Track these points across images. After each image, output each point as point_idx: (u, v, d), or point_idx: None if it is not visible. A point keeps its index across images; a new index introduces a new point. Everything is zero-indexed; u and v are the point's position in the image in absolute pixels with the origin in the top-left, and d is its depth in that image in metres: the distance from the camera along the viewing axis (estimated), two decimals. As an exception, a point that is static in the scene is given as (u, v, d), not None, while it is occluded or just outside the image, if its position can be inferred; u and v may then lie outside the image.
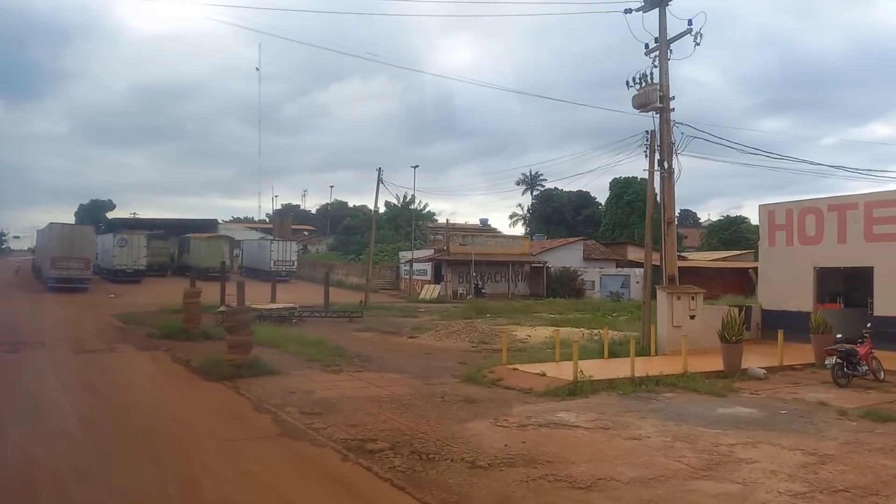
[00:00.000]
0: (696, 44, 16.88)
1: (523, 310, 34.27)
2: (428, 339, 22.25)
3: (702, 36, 16.76)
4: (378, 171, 38.34)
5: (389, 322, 29.22)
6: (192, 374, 15.11)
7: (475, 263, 48.75)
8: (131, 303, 35.39)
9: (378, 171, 38.34)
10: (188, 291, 21.82)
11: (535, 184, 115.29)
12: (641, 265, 53.52)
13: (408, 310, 35.44)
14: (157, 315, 28.75)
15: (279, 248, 62.91)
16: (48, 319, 26.69)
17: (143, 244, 55.45)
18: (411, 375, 15.06)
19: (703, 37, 16.76)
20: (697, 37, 16.81)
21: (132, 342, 20.36)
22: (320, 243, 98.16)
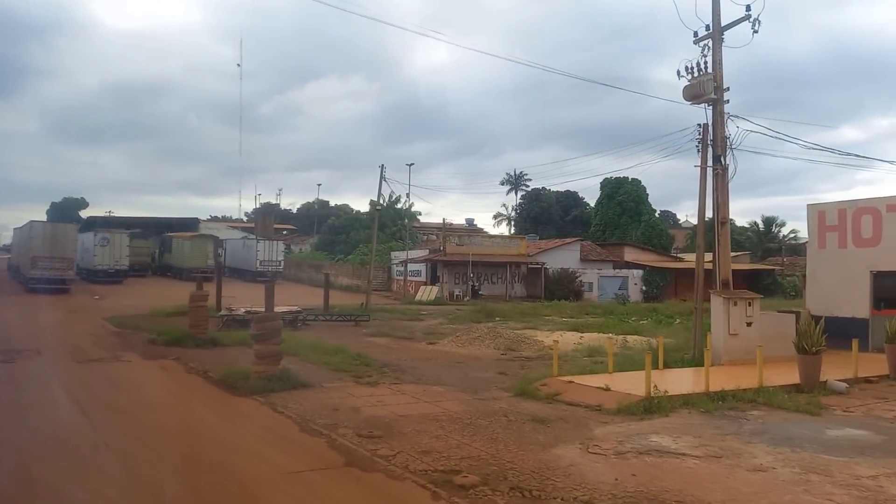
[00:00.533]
0: (753, 31, 15.80)
1: (531, 313, 33.14)
2: (449, 346, 21.01)
3: (760, 23, 15.68)
4: (381, 168, 37.12)
5: (397, 326, 27.96)
6: (215, 387, 13.75)
7: (460, 264, 47.63)
8: (119, 305, 33.80)
9: (381, 168, 37.12)
10: (194, 295, 20.36)
11: (519, 184, 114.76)
12: (639, 266, 52.98)
13: (409, 312, 34.16)
14: (152, 319, 27.32)
15: (265, 248, 61.22)
16: (36, 324, 25.05)
17: (126, 243, 53.65)
18: (455, 388, 13.83)
19: (761, 24, 15.66)
20: (756, 24, 15.72)
21: (135, 349, 18.90)
22: (304, 243, 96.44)
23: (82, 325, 25.37)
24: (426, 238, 73.56)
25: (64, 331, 23.15)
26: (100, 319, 27.04)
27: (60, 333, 22.35)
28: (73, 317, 28.12)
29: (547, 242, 53.48)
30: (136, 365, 16.60)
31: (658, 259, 54.87)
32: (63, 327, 24.31)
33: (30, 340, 19.66)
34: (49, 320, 26.16)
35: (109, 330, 23.83)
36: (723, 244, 17.30)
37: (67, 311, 30.80)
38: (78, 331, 23.27)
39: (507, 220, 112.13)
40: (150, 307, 31.80)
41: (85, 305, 34.26)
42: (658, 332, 22.62)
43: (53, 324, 25.20)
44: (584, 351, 19.19)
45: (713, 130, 16.55)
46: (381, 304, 39.08)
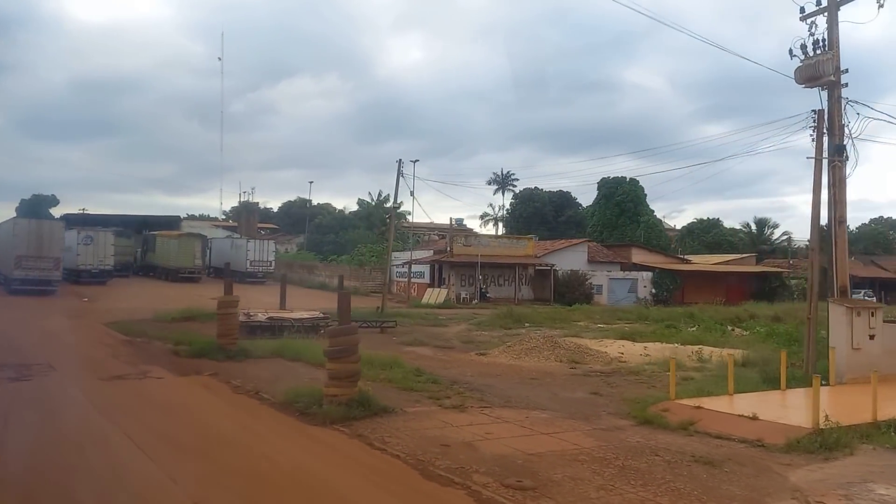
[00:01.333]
0: (879, 5, 14.06)
1: (561, 318, 31.31)
2: (504, 357, 19.05)
3: (888, -5, 13.89)
4: (398, 164, 34.96)
5: (427, 333, 25.97)
6: (280, 413, 11.67)
7: (468, 266, 45.79)
8: (112, 308, 31.46)
9: (398, 164, 34.96)
10: (223, 300, 18.16)
11: (506, 184, 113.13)
12: (647, 269, 51.48)
13: (429, 317, 32.08)
14: (159, 325, 25.08)
15: (256, 248, 58.90)
16: (34, 331, 22.61)
17: (111, 242, 50.78)
18: (560, 413, 11.93)
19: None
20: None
21: (159, 362, 16.69)
22: (289, 243, 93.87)
23: (85, 332, 23.05)
24: (424, 238, 71.45)
25: (68, 340, 20.83)
26: (101, 325, 24.70)
27: (66, 343, 20.05)
28: (71, 323, 25.71)
29: (553, 243, 51.74)
30: (171, 383, 14.45)
31: (665, 261, 53.49)
32: (65, 335, 21.96)
33: (36, 352, 17.37)
34: (47, 327, 23.72)
35: (118, 338, 21.52)
36: (840, 246, 15.52)
37: (59, 315, 28.35)
38: (84, 340, 20.98)
39: (494, 221, 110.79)
40: (149, 311, 29.59)
41: (77, 309, 31.79)
42: (724, 342, 20.90)
43: (53, 331, 22.79)
44: (660, 364, 17.36)
45: (829, 117, 14.77)
46: (395, 308, 37.02)
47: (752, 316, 30.76)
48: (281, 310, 27.16)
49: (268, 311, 26.21)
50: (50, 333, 22.13)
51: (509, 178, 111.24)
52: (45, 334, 21.84)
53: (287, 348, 18.12)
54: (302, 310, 27.20)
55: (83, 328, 24.14)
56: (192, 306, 29.64)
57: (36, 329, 23.02)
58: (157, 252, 61.12)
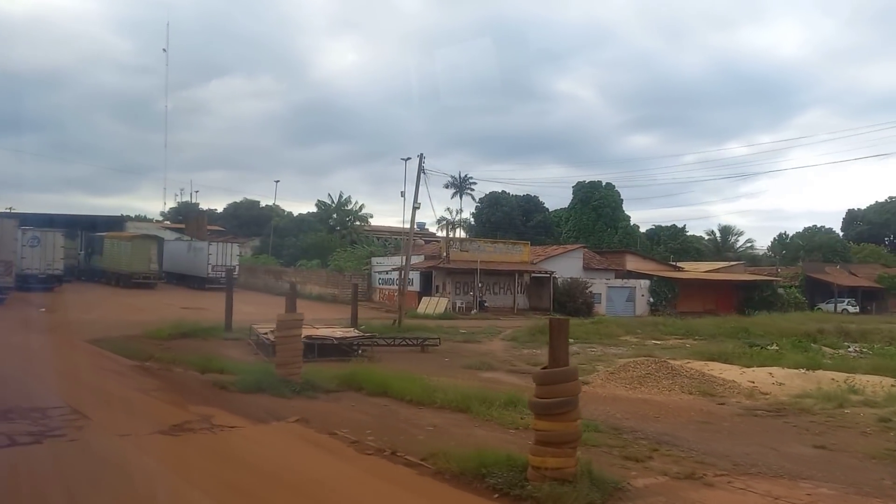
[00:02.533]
0: None
1: (597, 332, 28.22)
2: (616, 387, 15.76)
3: None
4: (419, 158, 31.25)
5: (470, 352, 22.62)
6: (458, 489, 8.15)
7: (463, 273, 42.59)
8: (80, 321, 27.24)
9: (419, 158, 31.25)
10: (286, 319, 14.28)
11: (464, 187, 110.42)
12: (644, 276, 49.18)
13: (450, 331, 28.58)
14: (156, 344, 21.05)
15: (218, 251, 54.25)
16: (8, 353, 18.28)
17: (60, 243, 45.83)
18: (840, 487, 8.78)
19: None
20: None
21: (210, 401, 12.83)
22: (243, 246, 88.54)
23: (73, 353, 18.85)
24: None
25: (61, 365, 16.60)
26: (86, 344, 20.48)
27: (62, 370, 15.84)
28: (47, 341, 21.40)
29: (546, 249, 48.91)
30: (255, 435, 10.68)
31: (659, 268, 51.37)
32: (52, 359, 17.69)
33: (34, 386, 13.30)
34: (20, 347, 19.37)
35: (122, 363, 17.43)
36: None
37: (26, 330, 23.87)
38: (81, 365, 16.85)
39: (452, 226, 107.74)
40: (122, 324, 25.61)
41: (39, 322, 27.28)
42: (852, 366, 18.16)
43: (31, 353, 18.49)
44: (820, 398, 14.43)
45: None
46: (381, 320, 33.40)
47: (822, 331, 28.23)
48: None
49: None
50: (29, 356, 17.85)
51: (467, 182, 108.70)
52: (23, 357, 17.56)
53: (362, 379, 14.49)
54: (321, 324, 23.44)
55: (66, 348, 19.90)
56: (182, 319, 25.66)
57: (8, 350, 18.65)
58: (104, 255, 55.93)
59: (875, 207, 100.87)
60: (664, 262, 55.65)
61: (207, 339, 23.09)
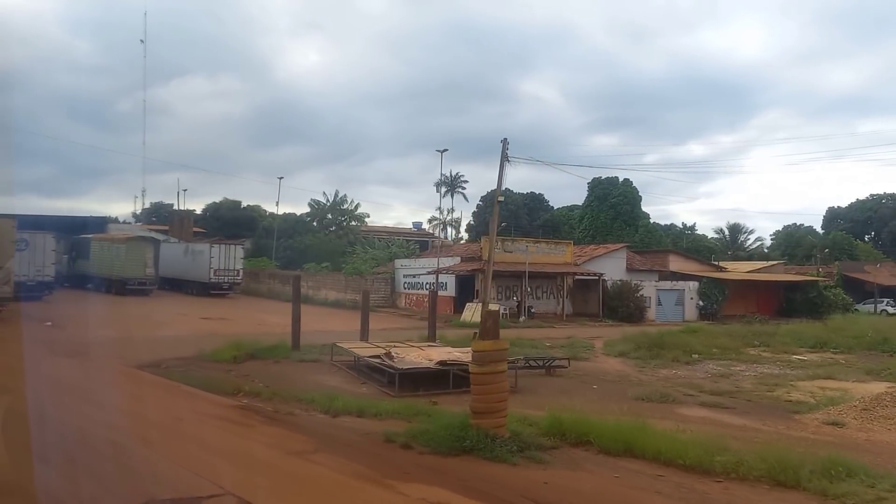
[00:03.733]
0: None
1: (715, 345, 24.50)
2: (880, 431, 12.16)
3: None
4: (503, 144, 27.22)
5: (600, 374, 18.84)
6: None
7: (507, 276, 38.90)
8: (101, 338, 23.08)
9: (503, 144, 27.22)
10: (486, 349, 10.30)
11: (455, 186, 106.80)
12: (690, 277, 45.95)
13: (530, 345, 24.73)
14: (225, 368, 16.98)
15: (221, 254, 49.64)
16: (58, 394, 14.04)
17: (52, 247, 41.14)
18: None
19: None
20: None
21: (399, 469, 8.91)
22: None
23: (143, 391, 14.64)
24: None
25: (149, 413, 12.43)
26: (149, 376, 16.29)
27: (158, 423, 11.71)
28: (91, 370, 17.13)
29: (583, 249, 45.24)
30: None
31: (703, 269, 48.12)
32: (128, 401, 13.48)
33: (147, 455, 9.23)
34: (70, 382, 15.13)
35: (220, 403, 13.29)
36: None
37: (52, 353, 19.50)
38: (173, 411, 12.69)
39: (443, 225, 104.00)
40: (149, 341, 21.53)
41: (57, 342, 22.78)
42: None
43: (94, 393, 14.28)
44: None
45: None
46: (440, 329, 29.51)
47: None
48: (392, 344, 19.18)
49: (398, 348, 18.40)
50: (85, 395, 13.67)
51: (458, 181, 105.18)
52: (80, 397, 13.38)
53: (571, 428, 10.62)
54: (410, 343, 19.49)
55: (123, 379, 15.69)
56: (238, 334, 21.57)
57: (50, 386, 14.41)
58: (93, 259, 51.01)
59: (856, 205, 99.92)
60: (707, 262, 52.44)
61: (280, 361, 19.04)
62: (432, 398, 14.03)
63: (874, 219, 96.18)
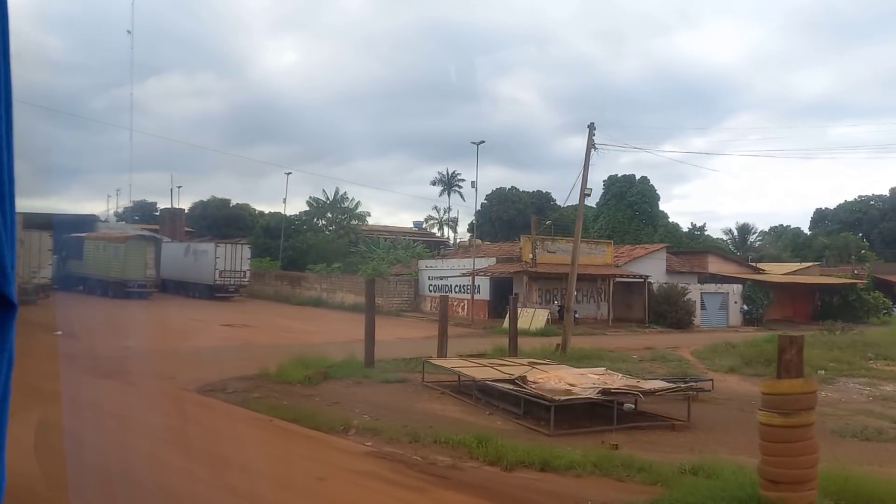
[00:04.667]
0: None
1: (842, 359, 21.59)
2: None
3: None
4: (589, 129, 24.19)
5: (735, 397, 16.01)
6: None
7: (552, 279, 36.10)
8: (128, 351, 19.91)
9: (589, 129, 24.19)
10: (792, 394, 7.40)
11: (452, 184, 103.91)
12: (731, 280, 43.50)
13: (609, 358, 21.88)
14: (300, 392, 14.04)
15: (227, 255, 46.31)
16: (128, 434, 10.95)
17: (48, 246, 37.70)
18: None
19: None
20: None
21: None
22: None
23: (232, 428, 11.60)
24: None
25: (264, 467, 9.39)
26: (220, 404, 13.21)
27: (274, 471, 8.71)
28: (146, 396, 13.99)
29: (618, 249, 42.47)
30: None
31: (741, 271, 45.64)
32: (220, 447, 10.43)
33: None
34: (132, 416, 12.01)
35: (339, 447, 10.29)
36: None
37: (83, 372, 16.35)
38: (291, 461, 9.66)
39: (440, 225, 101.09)
40: (195, 355, 18.68)
41: (81, 357, 19.57)
42: None
43: (171, 431, 11.19)
44: None
45: None
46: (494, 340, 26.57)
47: None
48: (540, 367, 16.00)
49: (552, 374, 15.39)
50: (166, 437, 10.59)
51: (455, 179, 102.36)
52: (169, 441, 10.30)
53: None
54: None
55: (195, 411, 12.57)
56: (280, 345, 18.64)
57: (112, 422, 11.32)
58: (86, 260, 47.41)
59: (845, 206, 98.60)
60: (745, 263, 49.98)
61: (362, 382, 16.03)
62: (602, 439, 11.14)
63: (863, 220, 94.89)
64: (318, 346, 23.98)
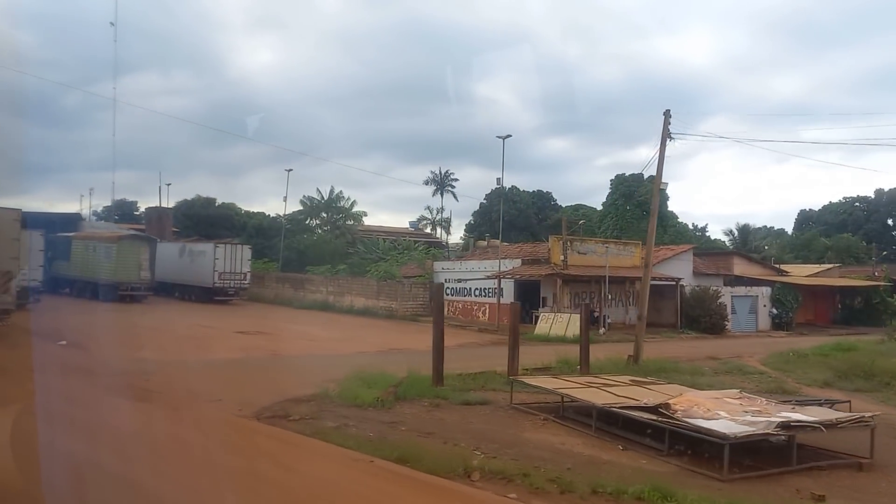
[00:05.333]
0: None
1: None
2: None
3: None
4: (665, 116, 21.91)
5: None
6: None
7: (581, 282, 34.15)
8: (150, 365, 17.60)
9: (665, 116, 21.91)
10: None
11: (445, 184, 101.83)
12: (758, 282, 41.77)
13: (683, 372, 19.81)
14: (404, 428, 11.86)
15: (226, 256, 43.76)
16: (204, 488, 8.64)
17: (39, 247, 35.04)
18: None
19: None
20: None
21: None
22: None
23: (313, 465, 9.36)
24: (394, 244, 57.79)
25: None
26: (291, 436, 10.95)
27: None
28: (195, 422, 11.66)
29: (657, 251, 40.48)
30: None
31: (765, 273, 43.93)
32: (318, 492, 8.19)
33: None
34: (198, 456, 9.69)
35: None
36: None
37: (105, 391, 14.04)
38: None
39: (433, 225, 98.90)
40: (209, 364, 16.32)
41: (99, 371, 17.22)
42: None
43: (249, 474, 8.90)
44: None
45: None
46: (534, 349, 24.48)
47: None
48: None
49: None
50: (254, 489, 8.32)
51: (448, 179, 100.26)
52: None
53: None
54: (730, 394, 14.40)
55: (278, 450, 10.28)
56: (340, 360, 16.32)
57: (175, 466, 9.01)
58: (74, 261, 44.57)
59: (830, 208, 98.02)
60: (768, 265, 48.26)
61: (440, 405, 13.80)
62: (792, 485, 9.04)
63: (848, 221, 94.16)
64: (354, 357, 21.76)
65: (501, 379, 16.71)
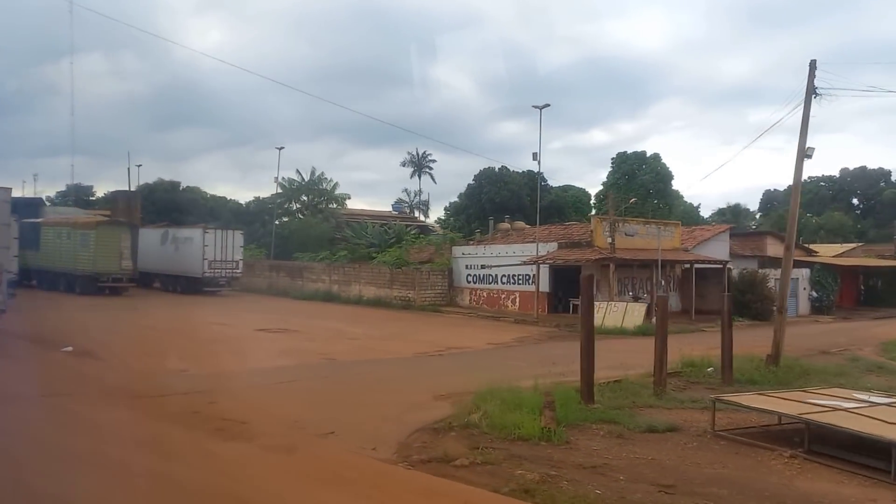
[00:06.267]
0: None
1: None
2: None
3: None
4: (810, 67, 18.52)
5: None
6: None
7: (627, 266, 31.38)
8: (183, 380, 14.18)
9: (810, 67, 18.52)
10: None
11: (422, 165, 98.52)
12: (804, 264, 39.22)
13: (848, 373, 17.06)
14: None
15: (217, 243, 39.87)
16: None
17: (14, 235, 30.58)
18: None
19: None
20: None
21: None
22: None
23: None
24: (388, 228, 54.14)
25: None
26: (464, 487, 7.68)
27: None
28: (322, 474, 8.26)
29: (681, 229, 37.68)
30: None
31: (797, 253, 41.58)
32: None
33: None
34: None
35: None
36: None
37: (144, 415, 10.58)
38: None
39: (410, 208, 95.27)
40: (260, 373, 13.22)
41: (140, 391, 13.64)
42: None
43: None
44: None
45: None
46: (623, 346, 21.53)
47: None
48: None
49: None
50: None
51: (426, 160, 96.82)
52: None
53: None
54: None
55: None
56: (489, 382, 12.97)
57: None
58: (45, 250, 40.13)
59: None
60: (799, 245, 45.98)
61: (625, 436, 10.60)
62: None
63: (814, 201, 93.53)
64: (423, 362, 18.53)
65: (646, 391, 13.58)
